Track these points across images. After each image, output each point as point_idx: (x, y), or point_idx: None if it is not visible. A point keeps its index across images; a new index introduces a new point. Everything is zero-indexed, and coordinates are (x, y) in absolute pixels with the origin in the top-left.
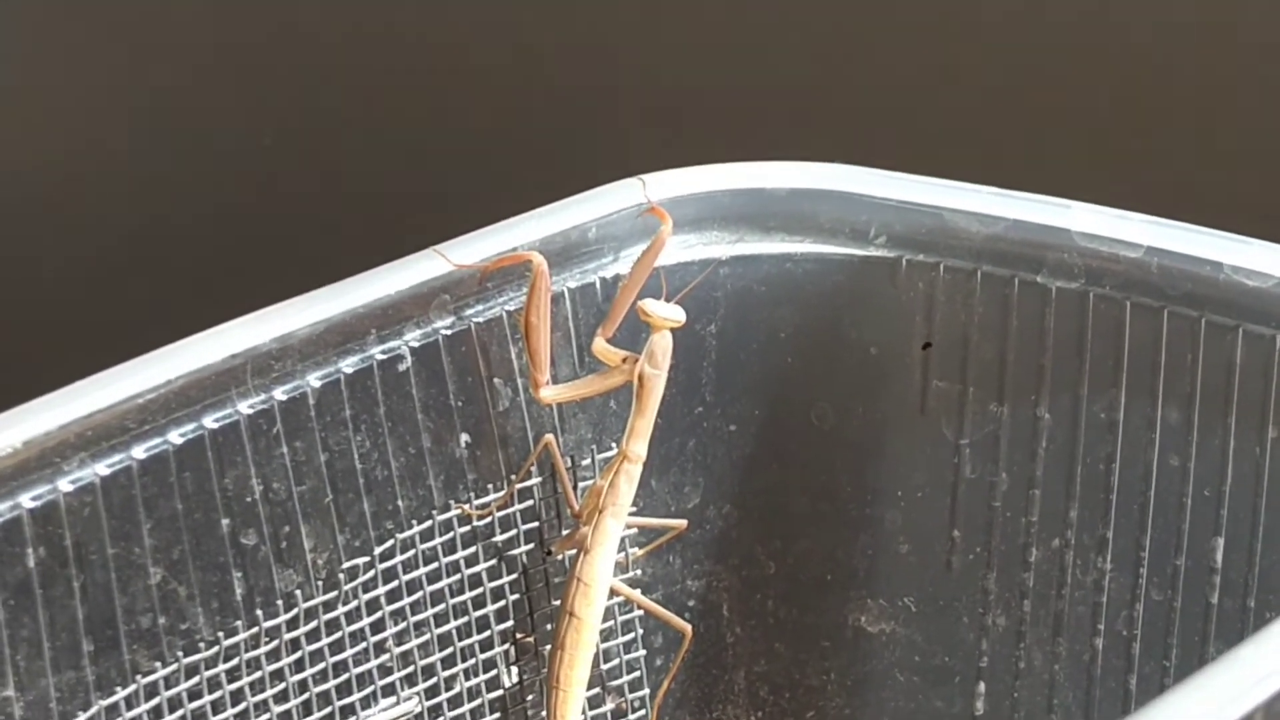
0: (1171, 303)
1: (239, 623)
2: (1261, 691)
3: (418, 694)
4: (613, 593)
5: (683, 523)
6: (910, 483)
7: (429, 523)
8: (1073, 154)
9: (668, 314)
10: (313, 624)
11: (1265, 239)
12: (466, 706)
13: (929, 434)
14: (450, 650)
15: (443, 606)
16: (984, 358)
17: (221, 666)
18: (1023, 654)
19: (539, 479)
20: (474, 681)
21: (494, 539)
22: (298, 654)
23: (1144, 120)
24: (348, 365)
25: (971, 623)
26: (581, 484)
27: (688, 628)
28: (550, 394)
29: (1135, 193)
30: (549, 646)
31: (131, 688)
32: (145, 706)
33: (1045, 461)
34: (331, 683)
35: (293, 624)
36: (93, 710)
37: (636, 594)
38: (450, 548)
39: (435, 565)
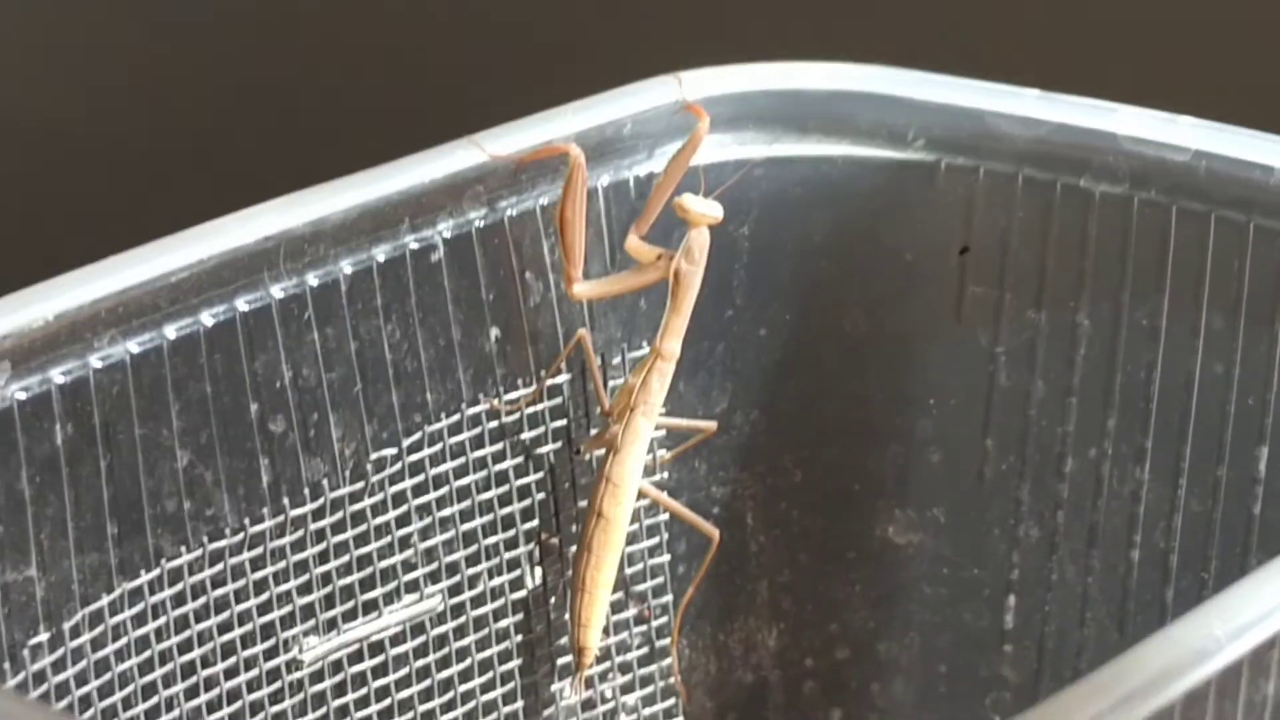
0: (1219, 207)
1: (265, 510)
2: None
3: (441, 591)
4: (640, 495)
5: (712, 424)
6: (943, 391)
7: (457, 416)
8: (1119, 55)
9: (706, 209)
10: (338, 515)
11: None
12: (490, 606)
13: (964, 341)
14: (474, 548)
15: (468, 503)
16: (1023, 263)
17: (246, 554)
18: (1055, 566)
19: (568, 376)
20: (497, 581)
21: (521, 436)
22: (322, 545)
23: (1191, 19)
24: (380, 253)
25: (1003, 534)
26: (611, 383)
27: (715, 532)
28: (584, 289)
29: (1183, 95)
30: (574, 548)
31: (155, 572)
32: (169, 592)
33: (1083, 369)
34: (355, 576)
35: (319, 514)
36: (115, 593)
37: (665, 496)
38: (477, 443)
39: (462, 460)
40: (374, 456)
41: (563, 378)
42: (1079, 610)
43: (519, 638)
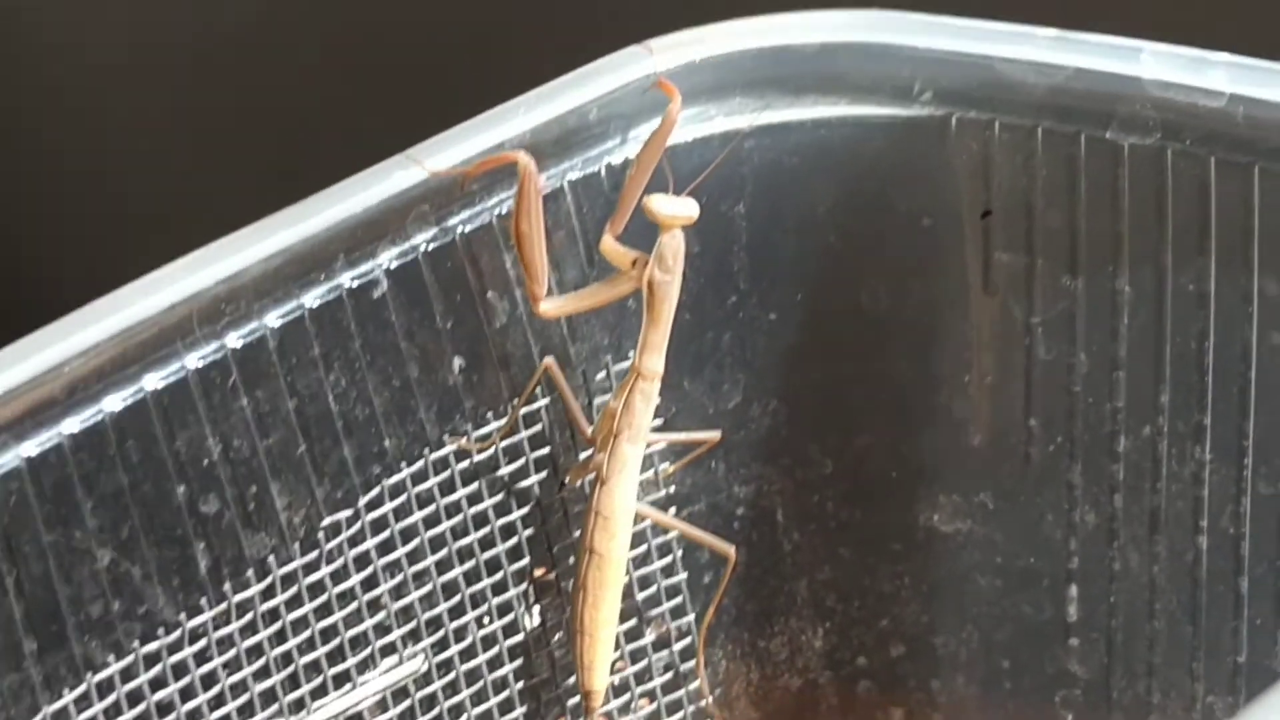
0: (1262, 158)
1: (204, 599)
2: None
3: (423, 650)
4: (641, 518)
5: (716, 434)
6: (978, 368)
7: (421, 463)
8: None
9: (676, 210)
10: (292, 590)
11: None
12: (482, 657)
13: (995, 313)
14: (457, 599)
15: (445, 552)
16: (1051, 226)
17: (188, 650)
18: (1117, 554)
19: (547, 400)
20: (488, 629)
21: (499, 472)
22: (277, 624)
23: None
24: (312, 298)
25: (1057, 520)
26: (599, 399)
27: (730, 550)
28: (550, 307)
29: (1216, 28)
30: (571, 584)
31: (82, 687)
32: (101, 705)
33: (1128, 340)
34: (321, 650)
35: (268, 593)
36: (40, 716)
37: (669, 517)
38: (448, 487)
39: (432, 508)
40: (327, 521)
41: (541, 402)
42: (1148, 601)
43: (520, 684)
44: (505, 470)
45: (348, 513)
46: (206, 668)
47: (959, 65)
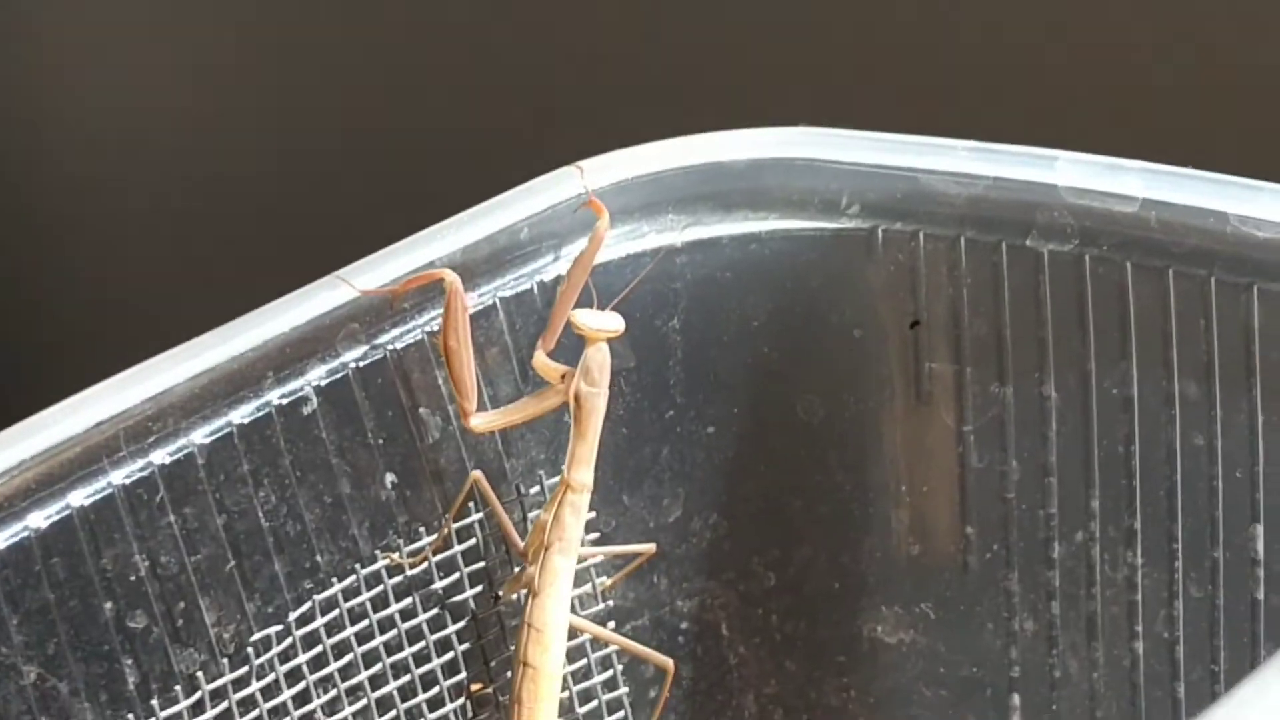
0: (1176, 261)
1: (131, 715)
2: None
3: None
4: (578, 632)
5: (650, 547)
6: (914, 477)
7: (353, 578)
8: (1055, 99)
9: (601, 324)
10: (222, 705)
11: (1276, 181)
12: None
13: (929, 422)
14: (392, 714)
15: (379, 667)
16: (978, 334)
17: None
18: (1057, 661)
19: (480, 515)
20: None
21: (433, 586)
22: None
23: (1131, 56)
24: (240, 416)
25: (997, 629)
26: (533, 514)
27: (669, 663)
28: (481, 422)
29: (1128, 137)
30: (506, 699)
31: None
32: None
33: (1058, 446)
34: None
35: (197, 709)
36: None
37: (606, 631)
38: (382, 602)
39: (365, 623)
40: (257, 636)
41: (475, 516)
42: (1089, 709)
43: None
44: (439, 585)
45: (278, 628)
46: None
47: (883, 178)
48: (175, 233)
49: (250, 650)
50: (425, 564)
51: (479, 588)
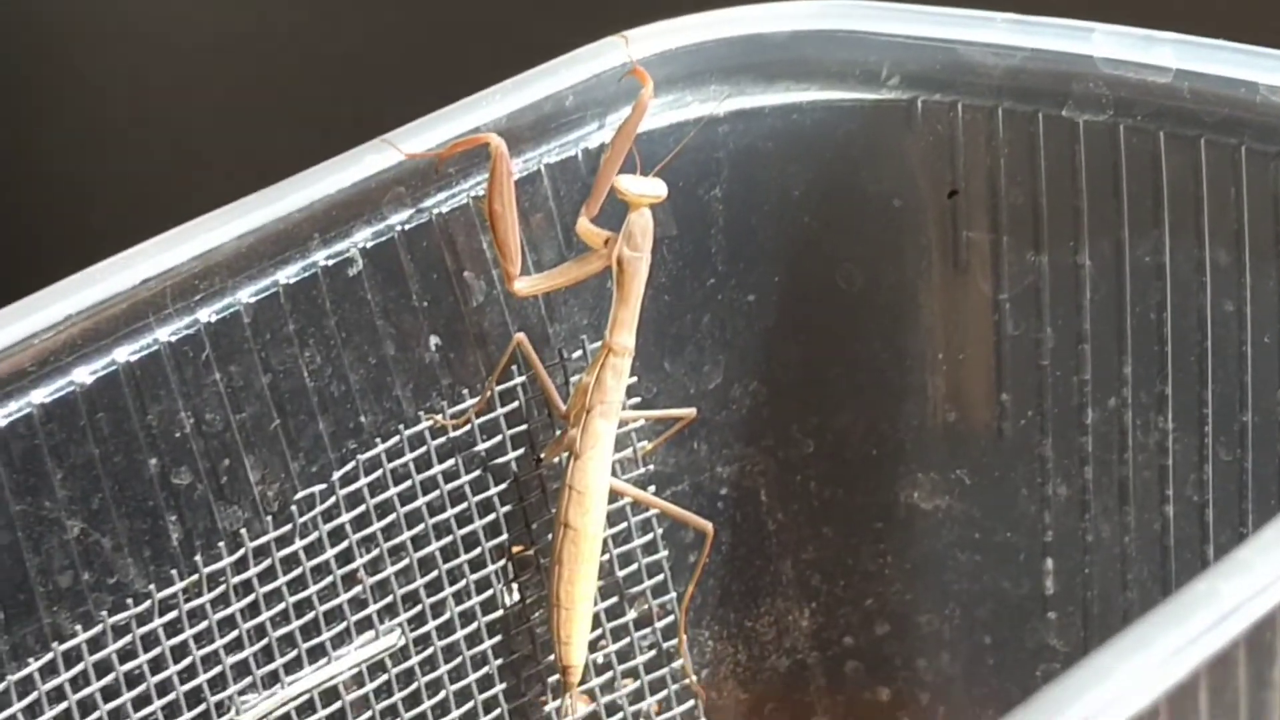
0: (1208, 131)
1: (175, 571)
2: None
3: (400, 625)
4: (619, 495)
5: (691, 411)
6: (951, 345)
7: (397, 439)
8: None
9: (644, 189)
10: (265, 563)
11: None
12: (460, 633)
13: (965, 290)
14: (434, 574)
15: (421, 527)
16: (1015, 203)
17: (158, 621)
18: (1089, 526)
19: (523, 378)
20: (466, 605)
21: (476, 448)
22: (250, 597)
23: None
24: (286, 276)
25: (1031, 494)
26: (575, 377)
27: (708, 526)
28: (524, 286)
29: (1162, 9)
30: (547, 560)
31: (48, 656)
32: (67, 675)
33: (1092, 313)
34: (295, 624)
35: (240, 565)
36: (4, 684)
37: (646, 494)
38: (425, 463)
39: (409, 484)
40: (301, 495)
41: (518, 379)
42: (1120, 572)
43: (499, 661)
44: (482, 447)
45: (322, 487)
46: (177, 639)
47: (922, 50)
48: (225, 95)
49: (294, 508)
50: (468, 426)
51: (521, 450)
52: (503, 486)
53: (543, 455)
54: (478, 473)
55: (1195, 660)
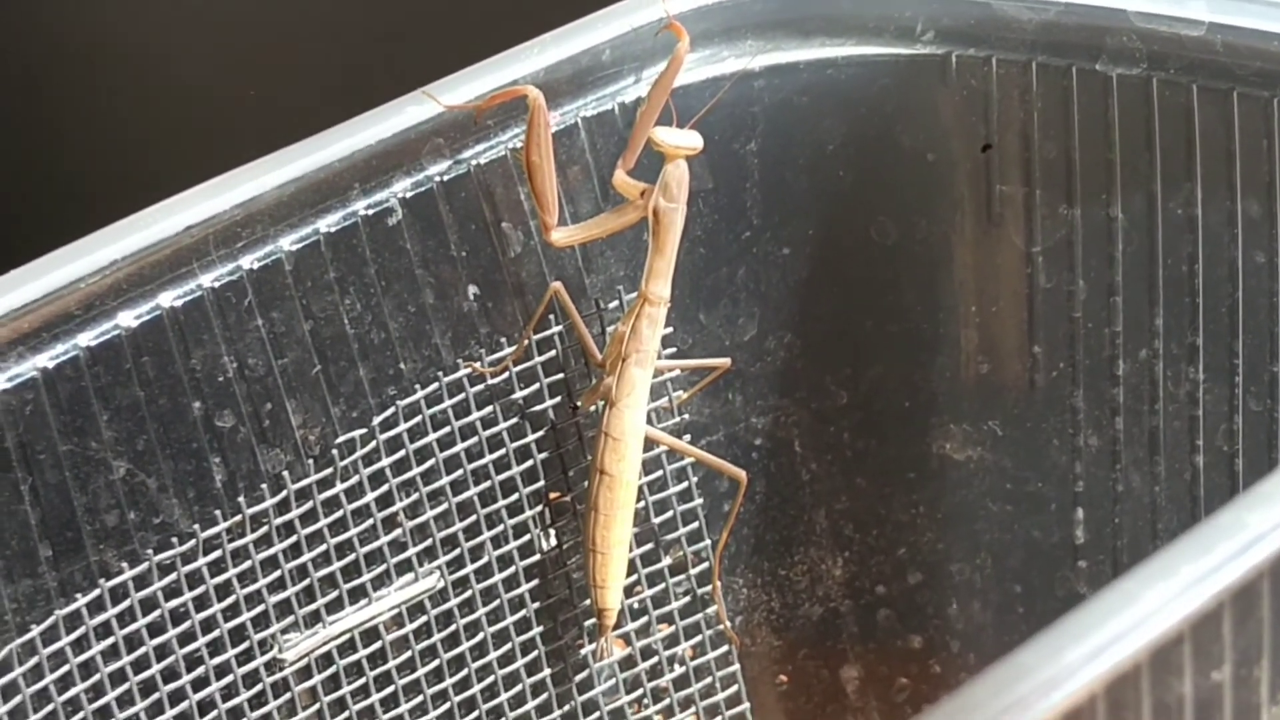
0: (1240, 83)
1: (219, 511)
2: None
3: (439, 568)
4: (654, 443)
5: (725, 361)
6: (984, 297)
7: (436, 385)
8: None
9: (680, 141)
10: (307, 505)
11: None
12: (498, 576)
13: (998, 243)
14: (473, 519)
15: (460, 473)
16: (1048, 157)
17: (202, 560)
18: (1120, 476)
19: (560, 327)
20: (504, 549)
21: (514, 395)
22: (292, 538)
23: None
24: (327, 225)
25: (1062, 445)
26: (611, 327)
27: (742, 475)
28: (561, 236)
29: None
30: (583, 506)
31: (95, 592)
32: (114, 610)
33: (1124, 266)
34: (336, 565)
35: (283, 507)
36: (50, 620)
37: (682, 443)
38: (463, 410)
39: (447, 430)
40: (342, 439)
41: (555, 328)
42: (1150, 522)
43: (536, 604)
44: (520, 394)
45: (362, 431)
46: (221, 578)
47: (957, 4)
48: (271, 47)
49: (335, 452)
50: (506, 373)
51: (558, 398)
52: (540, 433)
53: (579, 403)
54: (515, 420)
55: (1219, 587)
